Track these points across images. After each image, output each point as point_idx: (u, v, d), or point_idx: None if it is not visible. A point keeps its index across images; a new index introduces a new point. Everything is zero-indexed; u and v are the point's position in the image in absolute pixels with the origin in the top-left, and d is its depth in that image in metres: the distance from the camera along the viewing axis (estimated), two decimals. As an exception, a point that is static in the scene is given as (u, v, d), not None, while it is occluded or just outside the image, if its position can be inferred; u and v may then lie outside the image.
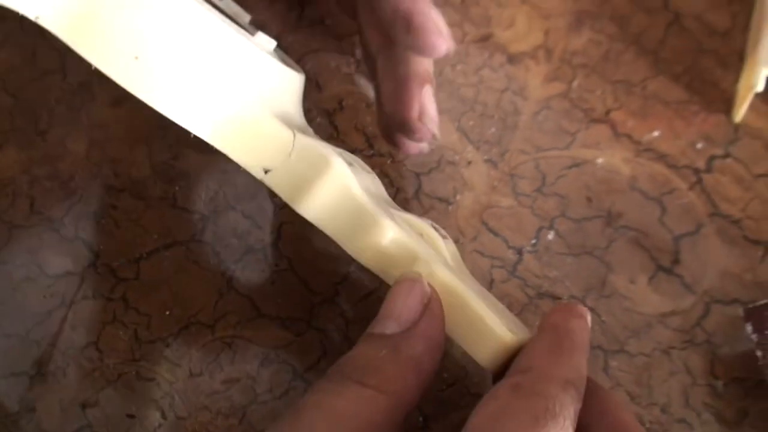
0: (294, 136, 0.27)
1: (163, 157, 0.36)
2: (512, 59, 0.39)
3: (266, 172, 0.27)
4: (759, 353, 0.32)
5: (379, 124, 0.34)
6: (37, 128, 0.37)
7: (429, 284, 0.26)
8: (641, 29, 0.40)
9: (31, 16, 0.24)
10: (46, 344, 0.33)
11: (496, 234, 0.36)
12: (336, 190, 0.26)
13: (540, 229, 0.36)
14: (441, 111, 0.38)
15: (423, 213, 0.36)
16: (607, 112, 0.38)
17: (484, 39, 0.40)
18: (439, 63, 0.39)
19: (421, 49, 0.27)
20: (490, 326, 0.26)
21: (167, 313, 0.34)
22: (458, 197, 0.36)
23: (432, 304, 0.26)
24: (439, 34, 0.27)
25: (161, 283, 0.34)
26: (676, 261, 0.35)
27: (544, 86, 0.39)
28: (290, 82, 0.30)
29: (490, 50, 0.40)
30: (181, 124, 0.26)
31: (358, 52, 0.38)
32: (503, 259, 0.35)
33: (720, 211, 0.36)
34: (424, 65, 0.30)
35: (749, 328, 0.32)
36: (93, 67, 0.25)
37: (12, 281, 0.34)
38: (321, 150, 0.27)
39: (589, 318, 0.27)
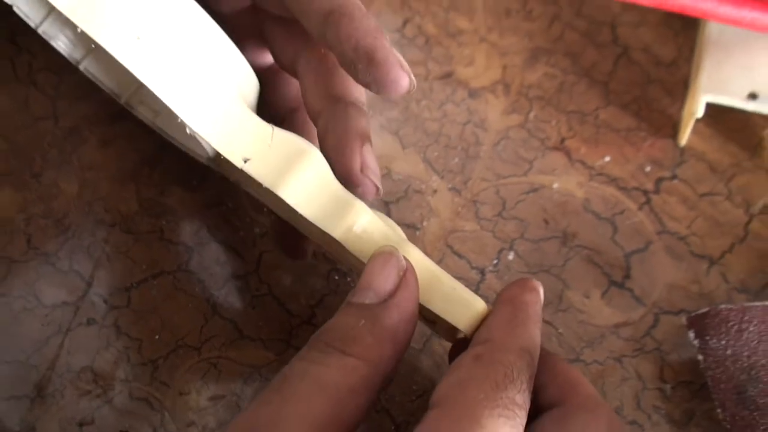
0: (272, 129, 0.32)
1: (149, 194, 0.41)
2: (473, 94, 0.45)
3: (245, 161, 0.31)
4: (700, 357, 0.37)
5: None
6: (32, 171, 0.42)
7: (404, 257, 0.30)
8: (592, 63, 0.46)
9: None
10: (45, 369, 0.37)
11: (460, 256, 0.41)
12: (314, 176, 0.31)
13: (501, 250, 0.41)
14: (407, 144, 0.43)
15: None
16: (562, 141, 0.43)
17: (447, 76, 0.45)
18: (406, 99, 0.44)
19: (382, 84, 0.30)
20: (464, 296, 0.31)
21: (156, 337, 0.38)
22: (425, 223, 0.41)
23: (407, 276, 0.29)
24: (401, 67, 0.30)
25: (150, 310, 0.39)
26: (627, 276, 0.40)
27: (502, 118, 0.44)
28: (256, 83, 0.35)
29: (453, 86, 0.45)
30: (173, 109, 0.30)
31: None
32: (467, 279, 0.40)
33: (667, 228, 0.41)
34: (362, 124, 0.32)
35: (692, 334, 0.37)
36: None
37: (11, 312, 0.39)
38: (298, 140, 0.32)
39: (541, 291, 0.31)
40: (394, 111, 0.44)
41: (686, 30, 0.47)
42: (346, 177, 0.32)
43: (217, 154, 0.32)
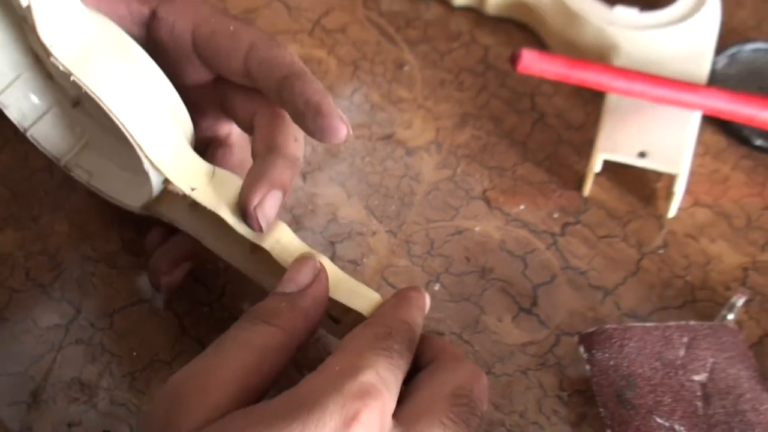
0: (214, 168, 0.41)
1: (130, 234, 0.51)
2: (410, 152, 0.55)
3: (192, 189, 0.41)
4: (588, 368, 0.46)
5: None
6: (31, 214, 0.52)
7: (319, 262, 0.40)
8: (513, 126, 0.56)
9: (46, 44, 0.38)
10: (40, 379, 0.46)
11: (394, 287, 0.50)
12: None
13: (428, 282, 0.50)
14: (352, 194, 0.53)
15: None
16: (484, 192, 0.54)
17: (388, 137, 0.56)
18: (351, 155, 0.54)
19: (326, 132, 0.39)
20: (364, 290, 0.41)
21: (134, 353, 0.47)
22: (365, 260, 0.51)
23: (320, 274, 0.39)
24: (342, 120, 0.40)
25: (130, 331, 0.48)
26: (534, 304, 0.49)
27: (434, 172, 0.54)
28: (193, 134, 0.45)
29: (393, 146, 0.55)
30: (141, 145, 0.39)
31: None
32: (399, 306, 0.49)
33: (570, 265, 0.51)
34: (282, 174, 0.40)
35: (581, 349, 0.46)
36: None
37: (13, 333, 0.48)
38: (235, 178, 0.41)
39: (426, 294, 0.40)
40: (342, 166, 0.54)
41: (594, 99, 0.57)
42: (242, 209, 0.40)
43: (157, 197, 0.42)
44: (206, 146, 0.48)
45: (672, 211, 0.52)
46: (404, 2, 0.64)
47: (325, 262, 0.41)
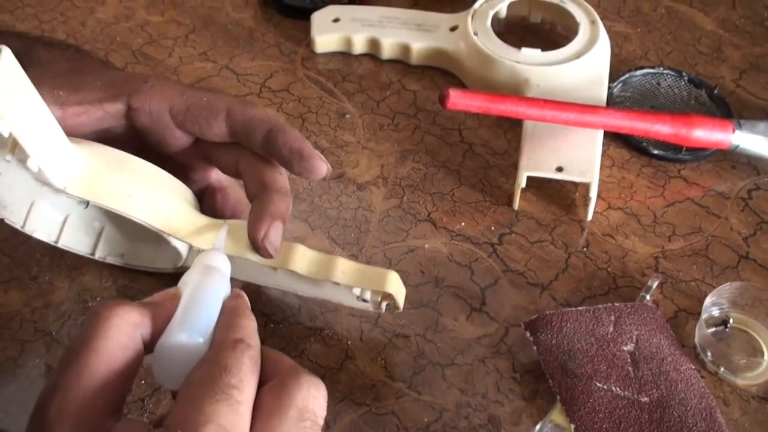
0: (224, 222, 0.51)
1: (124, 282, 0.61)
2: (360, 187, 0.66)
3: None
4: (535, 349, 0.57)
5: None
6: (30, 275, 0.61)
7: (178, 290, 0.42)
8: (447, 157, 0.68)
9: (60, 188, 0.49)
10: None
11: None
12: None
13: (391, 294, 0.61)
14: (315, 227, 0.64)
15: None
16: (429, 214, 0.65)
17: (340, 176, 0.67)
18: (311, 195, 0.65)
19: (310, 172, 0.48)
20: (378, 272, 0.53)
21: (142, 382, 0.57)
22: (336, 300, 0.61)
23: (174, 299, 0.41)
24: (322, 160, 0.50)
25: (135, 365, 0.58)
26: (483, 303, 0.61)
27: (384, 202, 0.65)
28: (195, 200, 0.55)
29: (345, 183, 0.66)
30: (164, 230, 0.49)
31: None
32: (368, 317, 0.59)
33: (510, 268, 0.62)
34: (280, 206, 0.48)
35: (528, 333, 0.57)
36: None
37: (28, 377, 0.56)
38: (244, 223, 0.50)
39: (244, 294, 0.42)
40: (303, 204, 0.65)
41: (513, 128, 0.70)
42: (252, 244, 0.49)
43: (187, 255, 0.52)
44: (203, 195, 0.57)
45: (590, 215, 0.64)
46: (338, 61, 0.76)
47: (342, 259, 0.52)
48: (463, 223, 0.64)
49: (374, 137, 0.69)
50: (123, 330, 0.37)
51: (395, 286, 0.53)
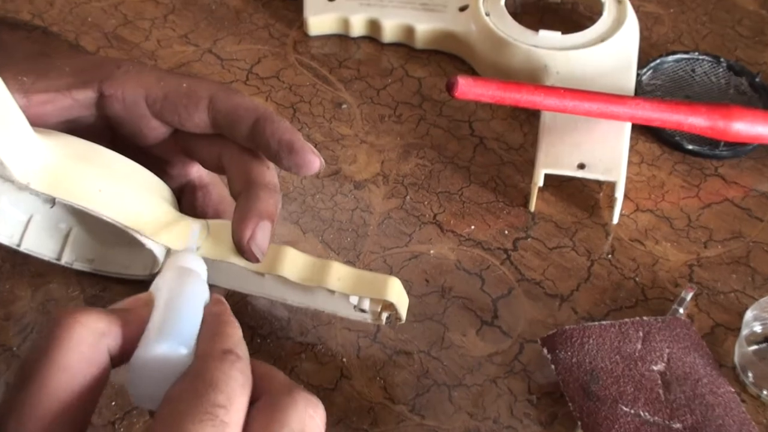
0: (207, 222, 0.48)
1: (93, 291, 0.57)
2: (358, 185, 0.63)
3: (197, 248, 0.47)
4: (553, 368, 0.54)
5: None
6: (-12, 283, 0.58)
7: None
8: (455, 152, 0.65)
9: (24, 183, 0.45)
10: None
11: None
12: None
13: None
14: (307, 230, 0.60)
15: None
16: (435, 216, 0.62)
17: (335, 173, 0.64)
18: (302, 194, 0.62)
19: (301, 167, 0.46)
20: (379, 279, 0.49)
21: (113, 403, 0.53)
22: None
23: (148, 305, 0.39)
24: (315, 154, 0.48)
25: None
26: (495, 316, 0.57)
27: (384, 202, 0.62)
28: (173, 197, 0.52)
29: (340, 181, 0.63)
30: (138, 230, 0.46)
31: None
32: (366, 332, 0.56)
33: (525, 277, 0.59)
34: (267, 204, 0.46)
35: (545, 351, 0.54)
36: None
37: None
38: (228, 223, 0.47)
39: (225, 301, 0.41)
40: (293, 205, 0.62)
41: (529, 120, 0.66)
42: (237, 246, 0.46)
43: (164, 261, 0.49)
44: (182, 192, 0.55)
45: (615, 218, 0.61)
46: (334, 44, 0.73)
47: (337, 264, 0.49)
48: (473, 227, 0.61)
49: (374, 130, 0.65)
50: (87, 340, 0.35)
51: (397, 293, 0.50)
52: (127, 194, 0.48)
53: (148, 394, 0.37)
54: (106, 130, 0.52)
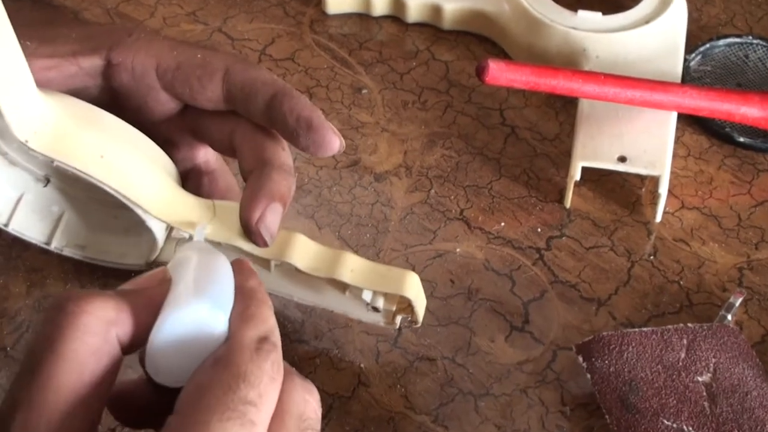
0: (213, 202, 0.50)
1: (93, 287, 0.60)
2: (378, 178, 0.66)
3: (204, 227, 0.49)
4: (588, 376, 0.57)
5: None
6: (-20, 278, 0.61)
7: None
8: (484, 142, 0.68)
9: (22, 140, 0.47)
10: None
11: (378, 317, 0.60)
12: None
13: (414, 308, 0.61)
14: (323, 225, 0.63)
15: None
16: (461, 212, 0.65)
17: (354, 164, 0.66)
18: (318, 186, 0.65)
19: (319, 145, 0.48)
20: (396, 273, 0.51)
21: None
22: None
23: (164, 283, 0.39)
24: (335, 133, 0.50)
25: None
26: (526, 321, 0.60)
27: (407, 196, 0.65)
28: (177, 173, 0.54)
29: (360, 172, 0.66)
30: (140, 204, 0.49)
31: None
32: (386, 335, 0.59)
33: (559, 278, 0.62)
34: (280, 185, 0.48)
35: (580, 358, 0.57)
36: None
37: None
38: (236, 204, 0.50)
39: (256, 272, 0.41)
40: (308, 198, 0.64)
41: (566, 108, 0.69)
42: (244, 227, 0.48)
43: (162, 247, 0.52)
44: (186, 178, 0.57)
45: (658, 216, 0.64)
46: (354, 24, 0.76)
47: (351, 254, 0.51)
48: (503, 223, 0.63)
49: (396, 117, 0.69)
50: (94, 330, 0.36)
51: (415, 290, 0.52)
52: (131, 164, 0.50)
53: (173, 365, 0.37)
54: (112, 103, 0.53)
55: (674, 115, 0.65)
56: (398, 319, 0.54)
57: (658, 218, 0.63)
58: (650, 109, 0.64)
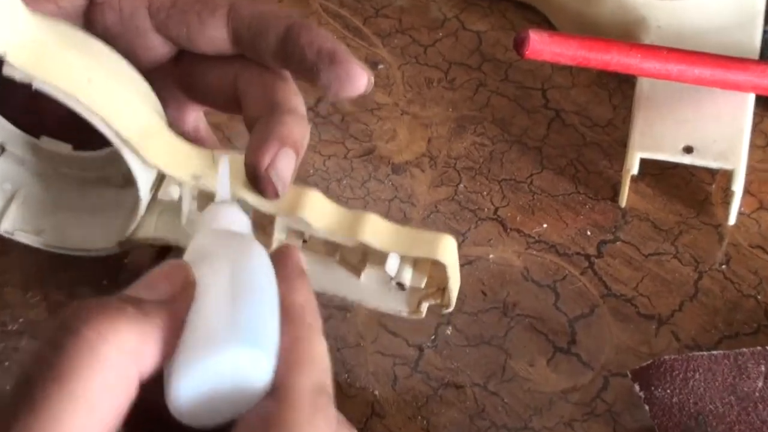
0: (212, 151, 0.49)
1: (57, 297, 0.59)
2: (397, 169, 0.64)
3: (197, 177, 0.47)
4: (647, 407, 0.55)
5: None
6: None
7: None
8: (523, 128, 0.66)
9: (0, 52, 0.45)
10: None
11: (395, 335, 0.58)
12: None
13: (438, 325, 0.59)
14: (331, 225, 0.62)
15: (323, 321, 0.59)
16: (496, 211, 0.63)
17: (368, 153, 0.65)
18: (326, 179, 0.64)
19: (344, 81, 0.46)
20: (431, 236, 0.49)
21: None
22: (355, 304, 0.60)
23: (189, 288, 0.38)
24: (362, 67, 0.47)
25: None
26: (572, 341, 0.58)
27: (431, 191, 0.63)
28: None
29: (375, 163, 0.64)
30: (129, 140, 0.47)
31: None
32: (404, 357, 0.57)
33: (612, 291, 0.60)
34: (293, 131, 0.47)
35: (637, 386, 0.55)
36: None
37: None
38: (240, 155, 0.47)
39: (305, 270, 0.41)
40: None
41: (621, 88, 0.67)
42: (251, 173, 0.46)
43: (140, 221, 0.50)
44: None
45: (732, 218, 0.62)
46: (369, -13, 0.74)
47: (375, 216, 0.49)
48: (545, 225, 0.62)
49: (419, 98, 0.67)
50: (113, 363, 0.34)
51: (451, 256, 0.49)
52: (122, 95, 0.48)
53: (202, 414, 0.35)
54: None
55: (752, 97, 0.63)
56: (424, 306, 0.52)
57: (732, 220, 0.62)
58: (722, 91, 0.62)
